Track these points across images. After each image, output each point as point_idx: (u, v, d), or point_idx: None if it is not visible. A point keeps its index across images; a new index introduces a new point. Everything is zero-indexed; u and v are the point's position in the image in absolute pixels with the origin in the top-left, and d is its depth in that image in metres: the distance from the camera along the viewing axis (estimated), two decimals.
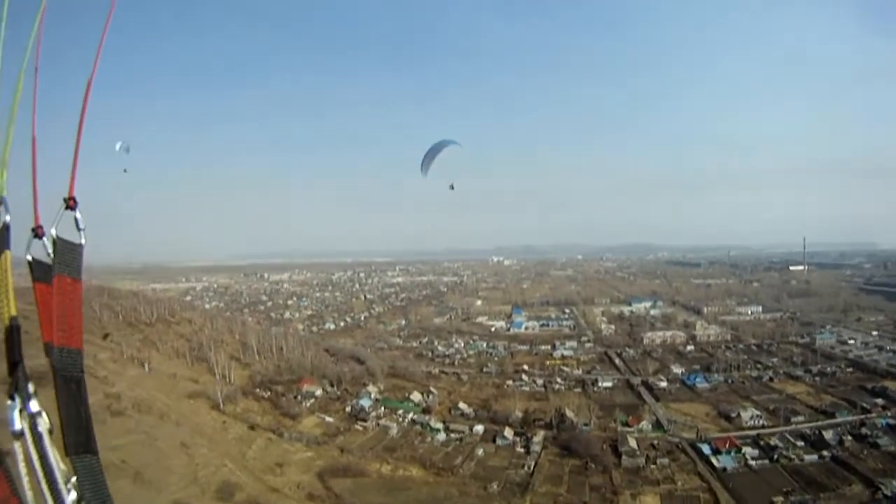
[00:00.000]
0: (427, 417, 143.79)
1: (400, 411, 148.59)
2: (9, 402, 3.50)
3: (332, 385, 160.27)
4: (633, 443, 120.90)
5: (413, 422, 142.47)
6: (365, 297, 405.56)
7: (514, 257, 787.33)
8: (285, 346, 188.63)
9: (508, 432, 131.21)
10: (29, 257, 4.06)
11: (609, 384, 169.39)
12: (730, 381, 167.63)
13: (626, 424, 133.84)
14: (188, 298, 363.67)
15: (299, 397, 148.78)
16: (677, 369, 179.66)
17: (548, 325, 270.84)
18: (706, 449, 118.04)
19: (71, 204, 4.24)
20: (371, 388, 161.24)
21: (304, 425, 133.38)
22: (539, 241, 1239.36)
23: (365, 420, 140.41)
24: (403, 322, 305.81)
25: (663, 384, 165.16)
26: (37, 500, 3.27)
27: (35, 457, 3.39)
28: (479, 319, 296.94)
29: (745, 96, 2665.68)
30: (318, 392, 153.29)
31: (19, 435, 3.40)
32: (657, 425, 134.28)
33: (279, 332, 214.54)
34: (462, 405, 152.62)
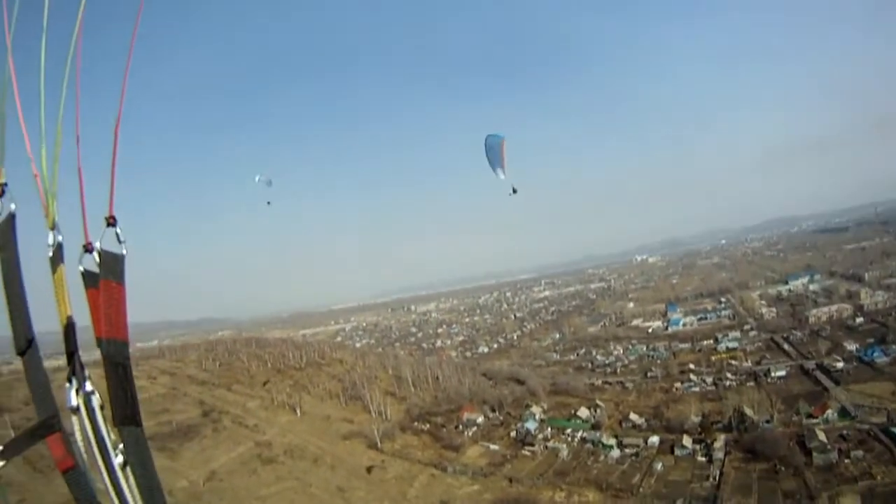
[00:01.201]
0: (597, 434, 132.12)
1: (568, 430, 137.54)
2: (67, 384, 4.08)
3: (493, 410, 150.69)
4: (821, 436, 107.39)
5: (583, 440, 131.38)
6: (514, 315, 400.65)
7: (658, 253, 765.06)
8: (441, 374, 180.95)
9: (687, 440, 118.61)
10: (81, 268, 4.56)
11: (782, 373, 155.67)
12: None
13: (811, 416, 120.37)
14: (338, 339, 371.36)
15: (460, 427, 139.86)
16: (851, 346, 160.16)
17: (706, 318, 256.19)
18: None
19: (111, 221, 4.73)
20: (535, 408, 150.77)
21: (468, 456, 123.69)
22: (680, 233, 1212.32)
23: (532, 444, 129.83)
24: (557, 336, 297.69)
25: (840, 365, 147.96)
26: (90, 461, 4.03)
27: (89, 427, 4.04)
28: (634, 322, 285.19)
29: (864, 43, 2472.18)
30: (480, 419, 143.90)
31: (76, 410, 4.03)
32: (843, 413, 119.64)
33: (433, 362, 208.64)
34: (633, 416, 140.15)
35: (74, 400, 3.99)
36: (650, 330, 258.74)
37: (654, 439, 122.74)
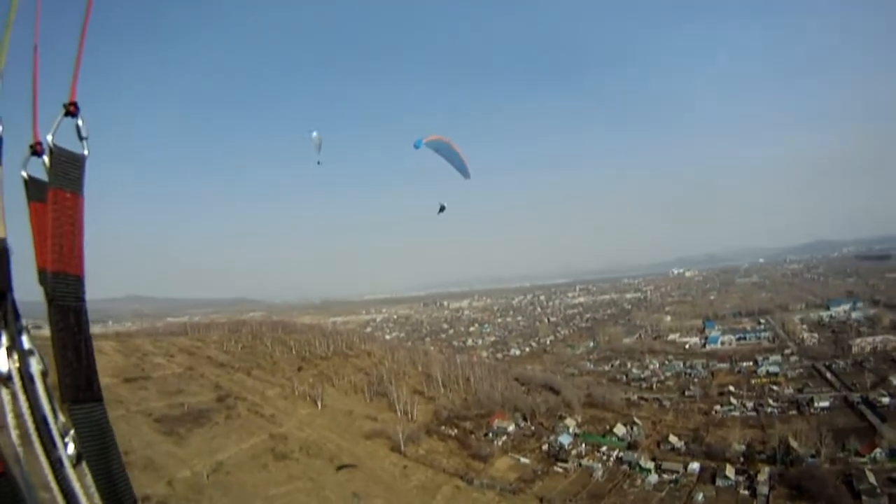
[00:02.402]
0: (634, 455, 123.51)
1: (603, 448, 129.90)
2: None
3: (524, 419, 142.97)
4: (871, 478, 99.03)
5: (619, 460, 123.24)
6: (548, 319, 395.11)
7: (695, 267, 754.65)
8: (472, 376, 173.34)
9: (729, 470, 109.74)
10: (25, 175, 3.40)
11: (826, 404, 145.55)
12: None
13: (858, 454, 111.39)
14: (368, 330, 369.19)
15: (490, 435, 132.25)
16: None
17: (745, 338, 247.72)
18: None
19: (72, 110, 3.45)
20: (569, 420, 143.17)
21: (497, 468, 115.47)
22: (717, 249, 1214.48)
23: (565, 460, 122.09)
24: (591, 344, 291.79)
25: (886, 400, 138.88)
26: (28, 455, 2.83)
27: (25, 405, 2.88)
28: (671, 337, 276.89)
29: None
30: (511, 428, 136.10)
31: (6, 379, 2.88)
32: (892, 453, 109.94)
33: (464, 361, 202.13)
34: (672, 438, 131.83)
35: (5, 363, 2.84)
36: (687, 346, 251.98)
37: (695, 466, 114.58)
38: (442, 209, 48.68)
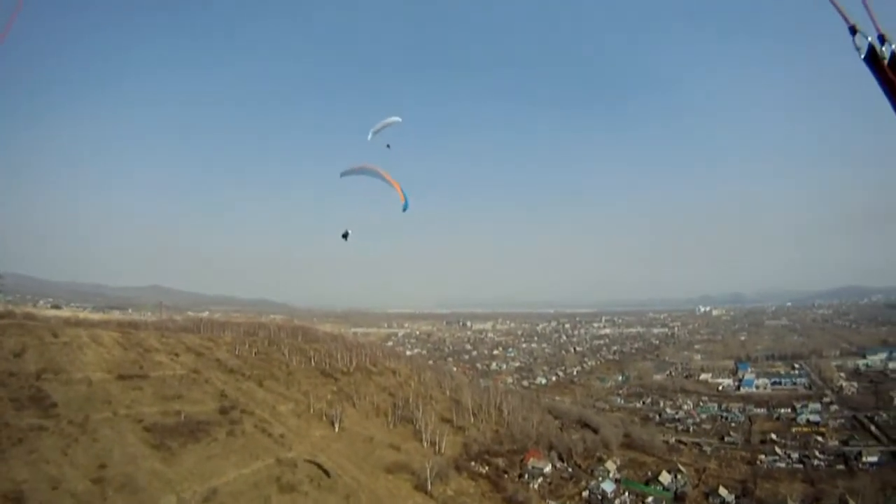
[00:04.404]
0: None
1: (649, 499, 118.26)
2: None
3: (561, 459, 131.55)
4: None
5: None
6: (574, 349, 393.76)
7: (722, 306, 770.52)
8: (505, 406, 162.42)
9: None
10: None
11: (874, 458, 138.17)
12: None
13: None
14: (389, 344, 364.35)
15: (525, 476, 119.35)
16: None
17: (780, 383, 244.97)
18: None
19: None
20: (609, 464, 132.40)
21: None
22: (743, 289, 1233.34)
23: None
24: (621, 378, 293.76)
25: None
26: None
27: None
28: (703, 376, 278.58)
29: None
30: (547, 468, 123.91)
31: None
32: None
33: (494, 388, 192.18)
34: (722, 490, 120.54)
35: None
36: (720, 387, 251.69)
37: None
38: (345, 236, 47.22)
